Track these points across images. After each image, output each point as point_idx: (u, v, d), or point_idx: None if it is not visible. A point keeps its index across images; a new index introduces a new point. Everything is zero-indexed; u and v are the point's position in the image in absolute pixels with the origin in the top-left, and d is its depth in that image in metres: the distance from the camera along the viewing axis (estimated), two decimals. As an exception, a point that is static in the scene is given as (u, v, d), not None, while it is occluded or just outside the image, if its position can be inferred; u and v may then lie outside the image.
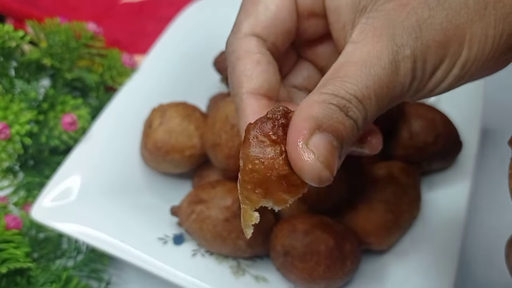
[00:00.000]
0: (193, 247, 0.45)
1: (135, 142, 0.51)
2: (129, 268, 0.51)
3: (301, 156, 0.24)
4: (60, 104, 0.51)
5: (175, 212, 0.46)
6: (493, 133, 0.60)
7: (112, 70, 0.57)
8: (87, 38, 0.55)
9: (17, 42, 0.50)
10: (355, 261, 0.42)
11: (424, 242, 0.46)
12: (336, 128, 0.24)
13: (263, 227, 0.44)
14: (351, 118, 0.25)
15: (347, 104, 0.25)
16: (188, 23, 0.61)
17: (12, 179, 0.52)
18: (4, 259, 0.43)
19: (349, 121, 0.25)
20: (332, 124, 0.24)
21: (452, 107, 0.52)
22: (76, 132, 0.49)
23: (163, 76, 0.57)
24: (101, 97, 0.57)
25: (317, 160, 0.24)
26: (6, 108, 0.47)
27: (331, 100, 0.25)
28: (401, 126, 0.48)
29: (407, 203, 0.45)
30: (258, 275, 0.44)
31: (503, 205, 0.57)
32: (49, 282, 0.46)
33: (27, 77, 0.52)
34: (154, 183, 0.51)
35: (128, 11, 0.71)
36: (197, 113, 0.50)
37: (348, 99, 0.25)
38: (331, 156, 0.24)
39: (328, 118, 0.24)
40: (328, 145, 0.24)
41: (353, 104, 0.25)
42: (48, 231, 0.50)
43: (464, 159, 0.50)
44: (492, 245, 0.54)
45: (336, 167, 0.25)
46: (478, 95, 0.53)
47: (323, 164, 0.24)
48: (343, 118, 0.25)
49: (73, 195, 0.47)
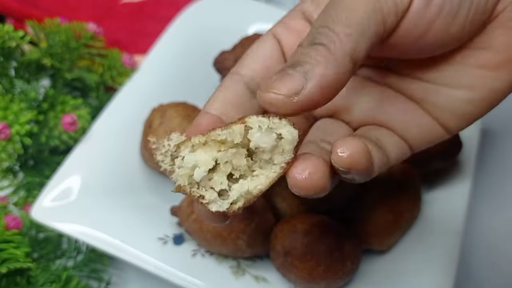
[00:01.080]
0: (193, 247, 0.45)
1: (135, 142, 0.51)
2: (129, 268, 0.51)
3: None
4: (60, 104, 0.51)
5: (175, 212, 0.46)
6: (493, 133, 0.60)
7: (112, 70, 0.57)
8: (87, 38, 0.55)
9: (17, 42, 0.50)
10: (355, 261, 0.42)
11: (424, 242, 0.46)
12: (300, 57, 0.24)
13: (263, 227, 0.44)
14: (316, 43, 0.24)
15: (314, 35, 0.24)
16: (188, 23, 0.61)
17: (12, 179, 0.52)
18: (4, 259, 0.43)
19: (314, 46, 0.24)
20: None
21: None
22: (76, 132, 0.49)
23: (163, 76, 0.57)
24: (101, 97, 0.57)
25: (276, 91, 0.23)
26: (6, 108, 0.47)
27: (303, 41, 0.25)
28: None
29: (407, 204, 0.45)
30: (258, 275, 0.44)
31: (503, 205, 0.57)
32: (49, 282, 0.46)
33: (27, 77, 0.52)
34: (154, 183, 0.51)
35: (128, 11, 0.71)
36: (197, 113, 0.50)
37: (313, 33, 0.24)
38: (287, 83, 0.23)
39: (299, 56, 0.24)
40: (285, 76, 0.24)
41: (318, 31, 0.24)
42: (48, 231, 0.50)
43: (464, 159, 0.50)
44: (492, 245, 0.54)
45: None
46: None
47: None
48: (305, 49, 0.24)
49: (73, 195, 0.47)
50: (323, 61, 0.23)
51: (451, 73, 0.29)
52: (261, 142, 0.24)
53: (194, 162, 0.25)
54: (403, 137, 0.31)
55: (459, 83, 0.28)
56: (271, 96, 0.23)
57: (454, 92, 0.29)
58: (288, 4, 0.73)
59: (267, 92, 0.24)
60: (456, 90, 0.29)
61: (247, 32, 0.60)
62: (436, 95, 0.29)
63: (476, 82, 0.28)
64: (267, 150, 0.24)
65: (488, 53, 0.27)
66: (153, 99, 0.52)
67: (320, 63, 0.23)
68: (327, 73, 0.23)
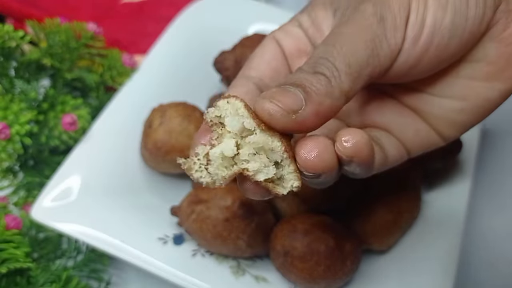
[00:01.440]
0: (193, 247, 0.45)
1: (135, 142, 0.51)
2: (129, 268, 0.51)
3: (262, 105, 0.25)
4: (60, 104, 0.51)
5: (175, 212, 0.46)
6: (493, 133, 0.60)
7: (112, 70, 0.57)
8: (87, 38, 0.55)
9: (17, 42, 0.50)
10: (355, 261, 0.42)
11: (424, 243, 0.46)
12: (301, 83, 0.25)
13: (263, 227, 0.44)
14: (318, 72, 0.25)
15: (315, 65, 0.26)
16: (188, 23, 0.61)
17: (12, 179, 0.52)
18: (4, 259, 0.43)
19: (316, 76, 0.25)
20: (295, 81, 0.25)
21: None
22: (76, 132, 0.49)
23: (163, 76, 0.57)
24: (101, 97, 0.57)
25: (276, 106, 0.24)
26: (6, 108, 0.47)
27: (302, 67, 0.26)
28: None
29: (407, 204, 0.45)
30: (258, 275, 0.44)
31: (503, 205, 0.57)
32: (49, 282, 0.46)
33: (27, 77, 0.52)
34: (154, 183, 0.51)
35: (128, 11, 0.71)
36: (197, 113, 0.50)
37: (314, 62, 0.26)
38: (288, 99, 0.25)
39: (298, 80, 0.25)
40: (287, 93, 0.25)
41: (320, 62, 0.26)
42: (48, 231, 0.50)
43: (464, 159, 0.50)
44: (492, 245, 0.54)
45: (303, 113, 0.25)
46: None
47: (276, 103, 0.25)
48: (308, 75, 0.25)
49: (73, 195, 0.47)
50: (323, 91, 0.25)
51: (444, 84, 0.30)
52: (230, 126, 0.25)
53: (220, 150, 0.25)
54: (400, 140, 0.31)
55: (452, 94, 0.29)
56: (272, 106, 0.24)
57: (447, 102, 0.30)
58: (288, 4, 0.73)
59: (268, 100, 0.25)
60: (449, 100, 0.29)
61: (247, 32, 0.60)
62: (430, 104, 0.30)
63: (469, 92, 0.29)
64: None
65: (481, 65, 0.28)
66: (153, 99, 0.52)
67: (320, 92, 0.25)
68: (325, 103, 0.25)
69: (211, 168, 0.26)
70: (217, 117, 0.26)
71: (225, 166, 0.26)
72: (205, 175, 0.26)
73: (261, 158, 0.25)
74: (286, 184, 0.26)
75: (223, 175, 0.26)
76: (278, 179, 0.26)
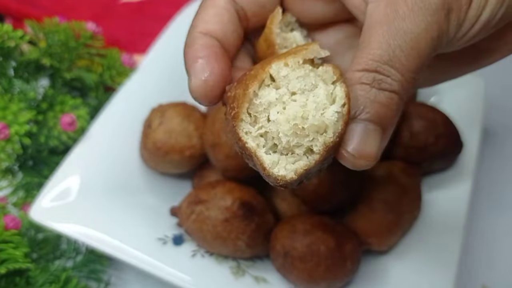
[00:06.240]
0: (192, 248, 0.45)
1: (135, 142, 0.51)
2: (128, 269, 0.51)
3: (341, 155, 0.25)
4: (59, 104, 0.51)
5: (174, 213, 0.45)
6: (494, 134, 0.60)
7: (112, 70, 0.57)
8: (86, 38, 0.55)
9: (16, 41, 0.50)
10: (356, 262, 0.42)
11: (425, 243, 0.45)
12: (372, 109, 0.24)
13: (263, 228, 0.43)
14: (386, 90, 0.24)
15: (376, 76, 0.24)
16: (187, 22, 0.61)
17: (11, 179, 0.52)
18: (3, 259, 0.43)
19: (384, 94, 0.24)
20: (366, 107, 0.24)
21: (453, 107, 0.52)
22: (75, 132, 0.49)
23: (162, 76, 0.57)
24: (100, 97, 0.57)
25: (351, 156, 0.25)
26: (5, 108, 0.47)
27: (362, 79, 0.24)
28: (402, 126, 0.48)
29: (408, 204, 0.45)
30: (258, 276, 0.44)
31: (503, 205, 0.57)
32: (48, 283, 0.45)
33: (26, 77, 0.52)
34: (154, 183, 0.51)
35: (128, 11, 0.71)
36: (197, 113, 0.50)
37: (375, 69, 0.24)
38: (365, 145, 0.24)
39: (362, 103, 0.24)
40: (363, 133, 0.24)
41: (382, 71, 0.24)
42: (47, 232, 0.50)
43: (465, 160, 0.50)
44: (492, 245, 0.53)
45: (376, 149, 0.25)
46: (479, 95, 0.53)
47: (357, 156, 0.25)
48: (376, 95, 0.24)
49: (72, 195, 0.47)
50: (395, 110, 0.25)
51: None
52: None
53: (267, 98, 0.25)
54: None
55: None
56: (360, 162, 0.25)
57: None
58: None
59: (358, 159, 0.25)
60: None
61: (247, 31, 0.59)
62: None
63: None
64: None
65: None
66: (153, 99, 0.52)
67: (394, 113, 0.25)
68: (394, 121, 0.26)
69: (261, 120, 0.25)
70: None
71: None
72: (254, 131, 0.25)
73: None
74: None
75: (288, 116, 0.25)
76: None
